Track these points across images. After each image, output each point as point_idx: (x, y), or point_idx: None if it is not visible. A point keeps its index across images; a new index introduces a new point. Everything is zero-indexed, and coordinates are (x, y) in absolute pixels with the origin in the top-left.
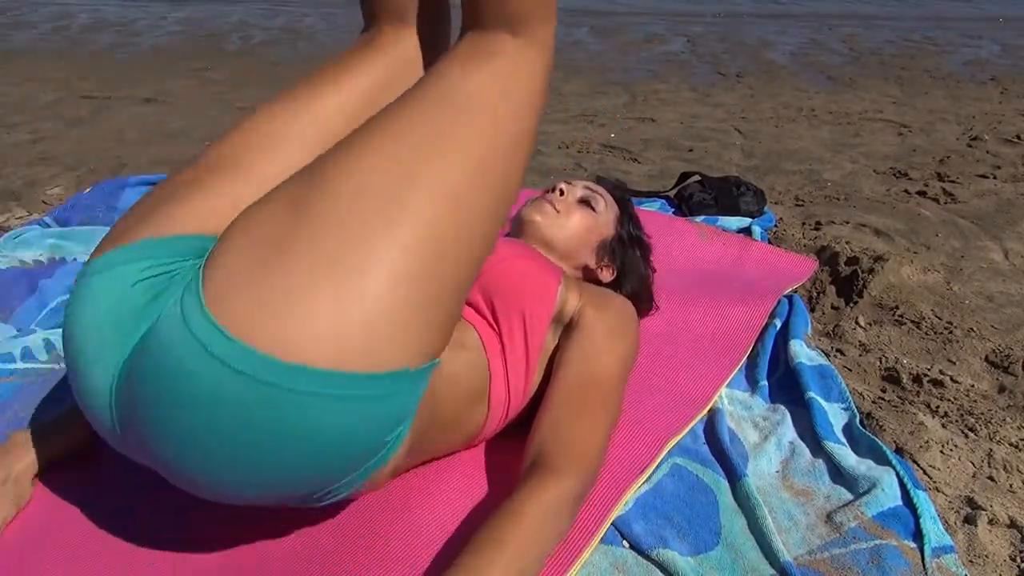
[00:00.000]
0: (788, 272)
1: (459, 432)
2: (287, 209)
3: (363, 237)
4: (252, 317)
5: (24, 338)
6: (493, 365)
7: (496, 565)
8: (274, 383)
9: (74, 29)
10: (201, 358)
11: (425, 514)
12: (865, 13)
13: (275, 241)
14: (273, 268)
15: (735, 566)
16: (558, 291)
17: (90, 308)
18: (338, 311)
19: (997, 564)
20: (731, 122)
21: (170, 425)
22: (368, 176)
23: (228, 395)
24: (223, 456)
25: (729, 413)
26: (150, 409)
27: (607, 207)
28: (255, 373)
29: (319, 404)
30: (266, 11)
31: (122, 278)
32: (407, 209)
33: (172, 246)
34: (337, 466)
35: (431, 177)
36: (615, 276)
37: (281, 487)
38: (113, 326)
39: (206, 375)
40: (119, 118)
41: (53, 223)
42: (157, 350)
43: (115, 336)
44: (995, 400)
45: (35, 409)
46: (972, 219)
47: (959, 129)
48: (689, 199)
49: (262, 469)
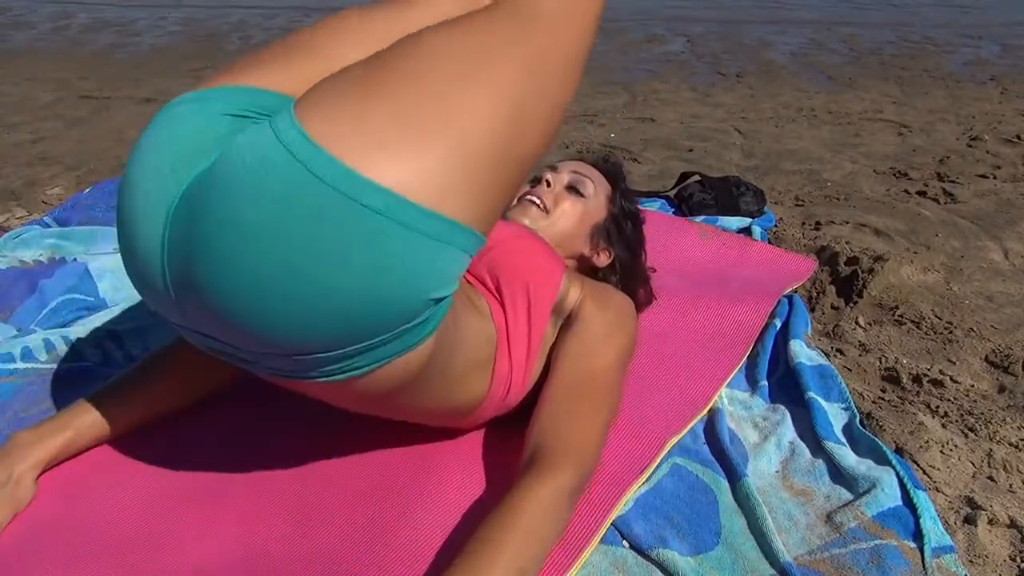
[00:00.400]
0: (788, 272)
1: (463, 392)
2: (374, 68)
3: (442, 99)
4: (339, 132)
5: (24, 338)
6: (498, 337)
7: (496, 564)
8: (349, 194)
9: (74, 29)
10: (284, 159)
11: (426, 513)
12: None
13: (363, 85)
14: (362, 100)
15: (735, 566)
16: (562, 280)
17: (172, 126)
18: (422, 146)
19: (997, 564)
20: (731, 122)
21: (232, 243)
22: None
23: (302, 197)
24: (276, 268)
25: (729, 413)
26: (214, 213)
27: (597, 188)
28: (334, 182)
29: (383, 226)
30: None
31: (211, 109)
32: (480, 88)
33: (272, 98)
34: (375, 314)
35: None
36: (611, 259)
37: (318, 322)
38: (193, 142)
39: (286, 173)
40: (119, 118)
41: (53, 223)
42: (238, 152)
43: (193, 149)
44: (995, 400)
45: (35, 409)
46: (972, 219)
47: (959, 129)
48: (689, 199)
49: (309, 290)
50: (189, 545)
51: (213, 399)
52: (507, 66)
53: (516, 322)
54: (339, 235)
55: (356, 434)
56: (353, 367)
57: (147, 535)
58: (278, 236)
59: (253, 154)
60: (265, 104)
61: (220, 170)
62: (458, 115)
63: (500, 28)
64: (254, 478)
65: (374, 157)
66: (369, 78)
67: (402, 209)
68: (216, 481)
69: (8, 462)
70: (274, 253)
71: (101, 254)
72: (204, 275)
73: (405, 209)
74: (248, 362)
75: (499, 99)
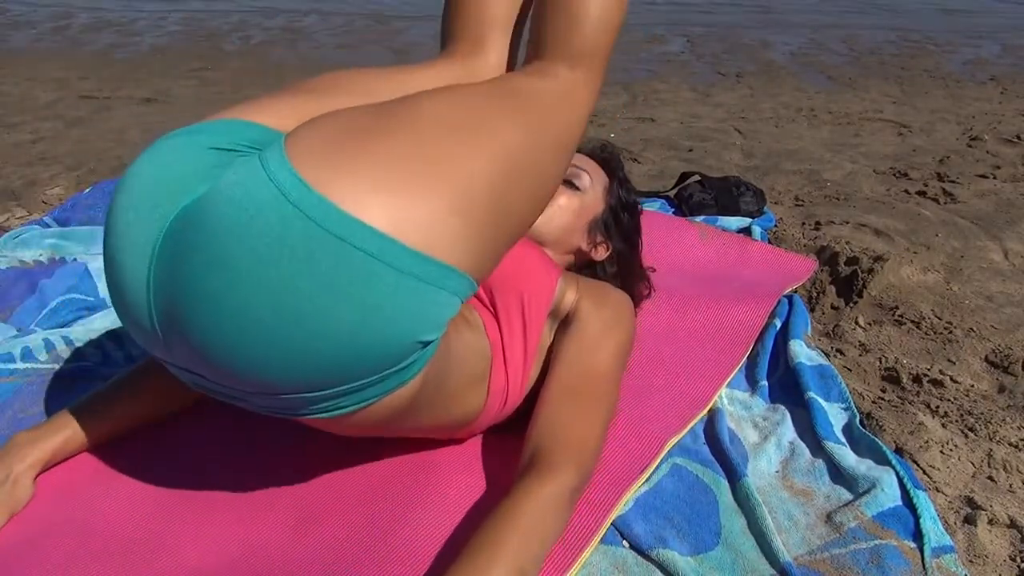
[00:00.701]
0: (788, 272)
1: (459, 408)
2: (372, 110)
3: (443, 140)
4: (331, 172)
5: (24, 338)
6: (494, 349)
7: (497, 564)
8: (341, 235)
9: (74, 29)
10: (273, 198)
11: (426, 514)
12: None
13: (358, 126)
14: (356, 140)
15: (735, 566)
16: (557, 285)
17: (158, 158)
18: (415, 189)
19: (997, 564)
20: (731, 122)
21: (217, 284)
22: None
23: (292, 237)
24: (263, 308)
25: (729, 413)
26: (200, 251)
27: (593, 180)
28: (325, 222)
29: (373, 268)
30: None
31: (198, 141)
32: (483, 134)
33: (256, 132)
34: (362, 356)
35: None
36: (609, 252)
37: (305, 363)
38: (178, 178)
39: (276, 213)
40: (119, 118)
41: (53, 223)
42: (227, 189)
43: (178, 185)
44: (995, 400)
45: (35, 409)
46: (972, 219)
47: (959, 129)
48: (689, 199)
49: (296, 331)
50: (188, 546)
51: (212, 400)
52: (504, 126)
53: (511, 334)
54: (329, 276)
55: (356, 438)
56: (340, 406)
57: (146, 536)
58: (266, 276)
59: (242, 192)
60: (255, 138)
61: (207, 207)
62: (453, 162)
63: (497, 98)
64: (253, 479)
65: (366, 198)
66: (365, 119)
67: (394, 251)
68: (215, 482)
69: (7, 462)
70: (262, 293)
71: (101, 254)
72: (190, 314)
73: (397, 251)
74: (232, 398)
75: (495, 154)
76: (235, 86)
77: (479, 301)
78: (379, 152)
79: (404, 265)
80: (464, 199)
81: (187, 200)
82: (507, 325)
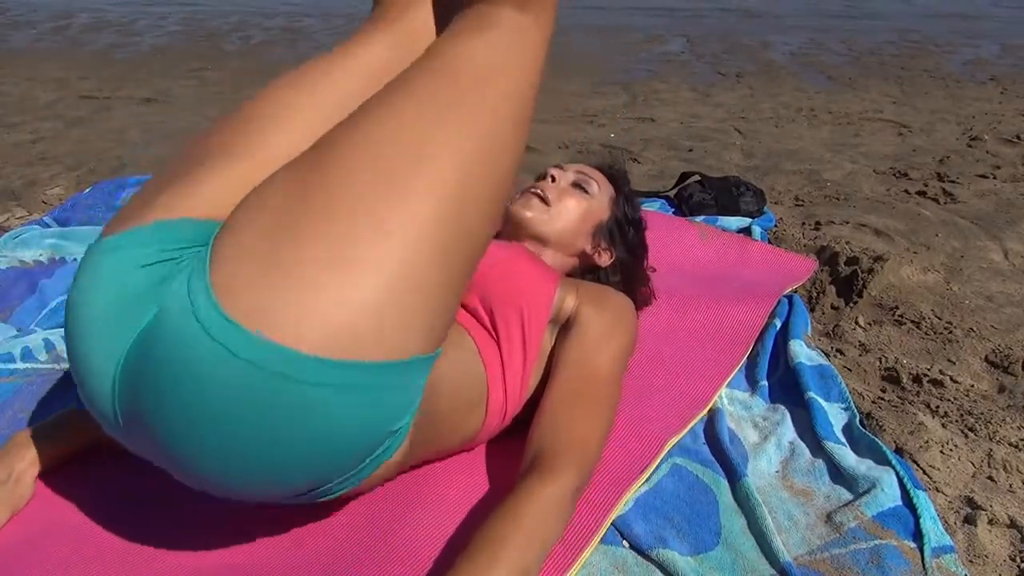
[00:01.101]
0: (788, 272)
1: (457, 434)
2: (295, 191)
3: (372, 219)
4: (260, 305)
5: (24, 338)
6: (490, 370)
7: (497, 564)
8: (282, 372)
9: (74, 29)
10: (207, 346)
11: (426, 514)
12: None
13: (282, 225)
14: (281, 253)
15: (735, 566)
16: (555, 294)
17: (95, 290)
18: (348, 298)
19: (997, 564)
20: (731, 122)
21: (174, 413)
22: (373, 154)
23: (234, 384)
24: (227, 446)
25: (729, 413)
26: (154, 397)
27: (601, 189)
28: (263, 363)
29: (325, 394)
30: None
31: (129, 261)
32: (414, 188)
33: (182, 230)
34: (341, 457)
35: (435, 157)
36: (612, 259)
37: (283, 479)
38: (118, 310)
39: (213, 363)
40: (119, 118)
41: (53, 223)
42: (163, 338)
43: (120, 321)
44: (995, 400)
45: (35, 409)
46: (972, 219)
47: (959, 129)
48: (689, 199)
49: (266, 460)
50: (188, 546)
51: None
52: (448, 134)
53: (511, 349)
54: (280, 413)
55: None
56: (326, 494)
57: (146, 536)
58: (220, 414)
59: (177, 345)
60: (185, 238)
61: (151, 350)
62: (391, 235)
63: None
64: None
65: (297, 323)
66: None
67: (335, 371)
68: None
69: (7, 461)
70: (219, 429)
71: None
72: (157, 438)
73: (338, 371)
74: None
75: (442, 179)
76: (235, 86)
77: (476, 320)
78: (306, 256)
79: (349, 381)
80: (413, 268)
81: (136, 328)
82: (507, 341)
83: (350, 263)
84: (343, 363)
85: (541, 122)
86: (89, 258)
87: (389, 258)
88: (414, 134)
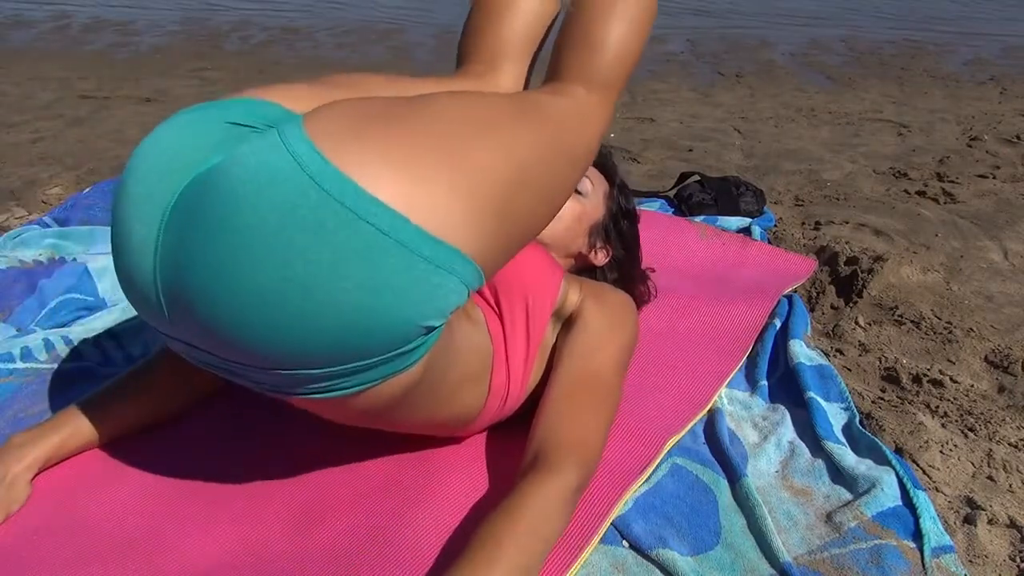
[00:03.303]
0: (788, 272)
1: (458, 405)
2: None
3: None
4: (348, 148)
5: (24, 338)
6: (496, 348)
7: (497, 562)
8: (355, 209)
9: (74, 29)
10: (289, 167)
11: (426, 513)
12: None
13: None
14: (374, 122)
15: (735, 566)
16: (560, 287)
17: (174, 129)
18: (428, 173)
19: (997, 564)
20: (731, 122)
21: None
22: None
23: (305, 208)
24: (270, 277)
25: (729, 413)
26: (211, 217)
27: (595, 186)
28: (339, 195)
29: (385, 245)
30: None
31: (215, 115)
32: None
33: (275, 111)
34: (365, 335)
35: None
36: (609, 258)
37: (308, 337)
38: (193, 148)
39: (290, 183)
40: (119, 118)
41: (53, 223)
42: (243, 157)
43: (192, 155)
44: (995, 400)
45: (35, 409)
46: (972, 219)
47: (959, 129)
48: (689, 199)
49: (302, 304)
50: (188, 546)
51: (212, 399)
52: (519, 132)
53: (514, 332)
54: (339, 250)
55: (356, 435)
56: (340, 387)
57: (145, 535)
58: (277, 245)
59: (258, 160)
60: (273, 116)
61: (221, 175)
62: (467, 155)
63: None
64: (253, 478)
65: (382, 176)
66: (383, 107)
67: (405, 230)
68: (215, 481)
69: (4, 462)
70: (270, 262)
71: (101, 254)
72: (195, 281)
73: (408, 230)
74: (232, 373)
75: (508, 156)
76: (235, 86)
77: (483, 299)
78: (395, 135)
79: (414, 245)
80: (475, 190)
81: (201, 169)
82: (511, 324)
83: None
84: (415, 227)
85: None
86: (172, 116)
87: (464, 173)
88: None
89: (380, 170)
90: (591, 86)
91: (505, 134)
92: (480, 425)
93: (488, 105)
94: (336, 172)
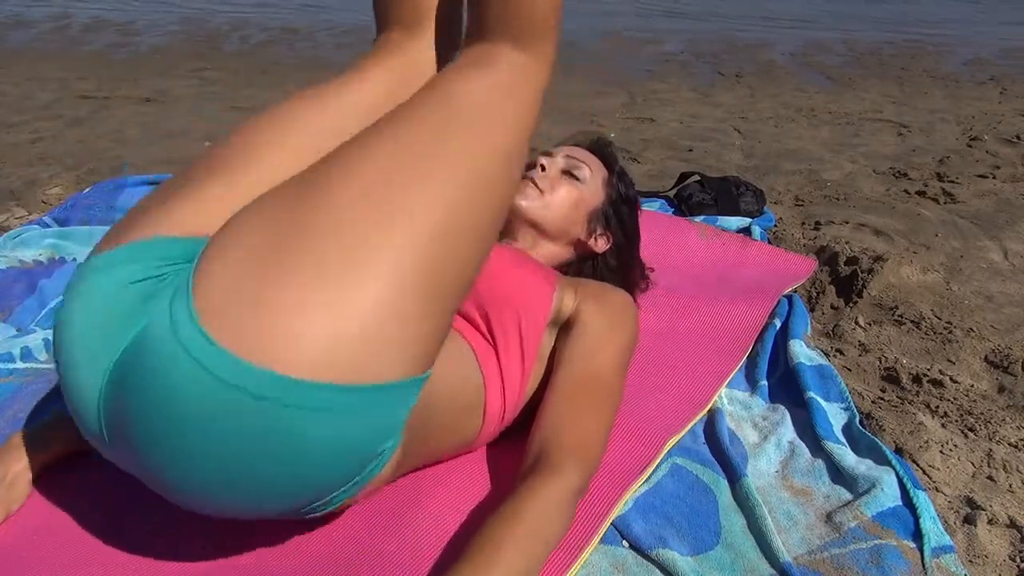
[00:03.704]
0: (788, 272)
1: (454, 439)
2: (282, 214)
3: (359, 245)
4: (244, 328)
5: (24, 338)
6: (488, 376)
7: (497, 565)
8: (267, 396)
9: (74, 29)
10: (190, 369)
11: (426, 515)
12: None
13: (269, 247)
14: (266, 276)
15: (735, 566)
16: (553, 297)
17: (83, 307)
18: (333, 322)
19: (997, 564)
20: (731, 122)
21: (158, 436)
22: (364, 184)
23: (218, 408)
24: (212, 469)
25: (729, 413)
26: (138, 418)
27: (593, 172)
28: (247, 386)
29: (311, 418)
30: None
31: (117, 279)
32: (404, 218)
33: (169, 247)
34: (328, 478)
35: (427, 186)
36: (610, 244)
37: (273, 501)
38: (103, 328)
39: (195, 387)
40: (119, 118)
41: (52, 223)
42: (146, 358)
43: (105, 338)
44: (995, 400)
45: (35, 409)
46: (972, 219)
47: (959, 129)
48: (688, 199)
49: (253, 483)
50: (188, 549)
51: None
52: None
53: (508, 354)
54: (266, 436)
55: None
56: (319, 510)
57: (146, 536)
58: (193, 437)
59: (160, 368)
60: (173, 255)
61: (135, 377)
62: (380, 249)
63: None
64: None
65: (282, 345)
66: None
67: (321, 395)
68: None
69: (4, 462)
70: (199, 450)
71: None
72: (140, 460)
73: (324, 394)
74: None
75: (426, 215)
76: (235, 86)
77: (472, 326)
78: (291, 281)
79: (334, 405)
80: (399, 296)
81: (120, 346)
82: (504, 347)
83: (334, 290)
84: (323, 385)
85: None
86: (79, 276)
87: (375, 285)
88: (405, 165)
89: (281, 338)
90: (519, 41)
91: (421, 186)
92: (479, 444)
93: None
94: (234, 359)
